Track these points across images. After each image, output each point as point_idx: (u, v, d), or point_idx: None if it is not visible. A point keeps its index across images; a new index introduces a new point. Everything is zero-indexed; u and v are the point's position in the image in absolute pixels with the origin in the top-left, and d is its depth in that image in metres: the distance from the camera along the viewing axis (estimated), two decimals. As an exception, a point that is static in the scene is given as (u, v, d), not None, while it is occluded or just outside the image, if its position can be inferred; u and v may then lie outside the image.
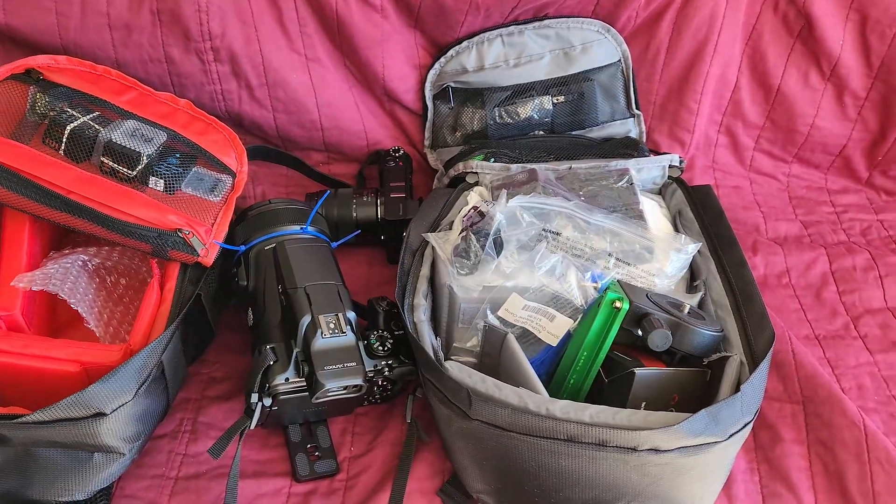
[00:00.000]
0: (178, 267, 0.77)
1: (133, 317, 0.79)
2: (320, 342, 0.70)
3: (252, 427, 0.71)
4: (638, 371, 0.68)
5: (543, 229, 0.77)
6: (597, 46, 0.99)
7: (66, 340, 0.69)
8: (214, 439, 0.78)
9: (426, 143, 1.05)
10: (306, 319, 0.71)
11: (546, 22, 0.98)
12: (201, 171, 0.81)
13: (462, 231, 0.78)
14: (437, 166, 1.03)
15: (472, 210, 0.79)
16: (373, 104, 1.03)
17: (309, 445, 0.78)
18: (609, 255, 0.77)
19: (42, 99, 0.78)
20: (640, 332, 0.69)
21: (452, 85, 1.00)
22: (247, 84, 0.95)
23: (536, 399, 0.65)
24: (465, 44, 0.98)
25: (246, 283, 0.78)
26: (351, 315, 0.73)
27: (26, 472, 0.66)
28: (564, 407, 0.63)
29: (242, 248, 0.80)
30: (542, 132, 1.02)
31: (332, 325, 0.71)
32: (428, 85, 1.01)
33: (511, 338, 0.72)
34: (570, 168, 0.89)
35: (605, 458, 0.63)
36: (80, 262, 0.77)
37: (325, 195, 0.89)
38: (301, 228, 0.81)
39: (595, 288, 0.73)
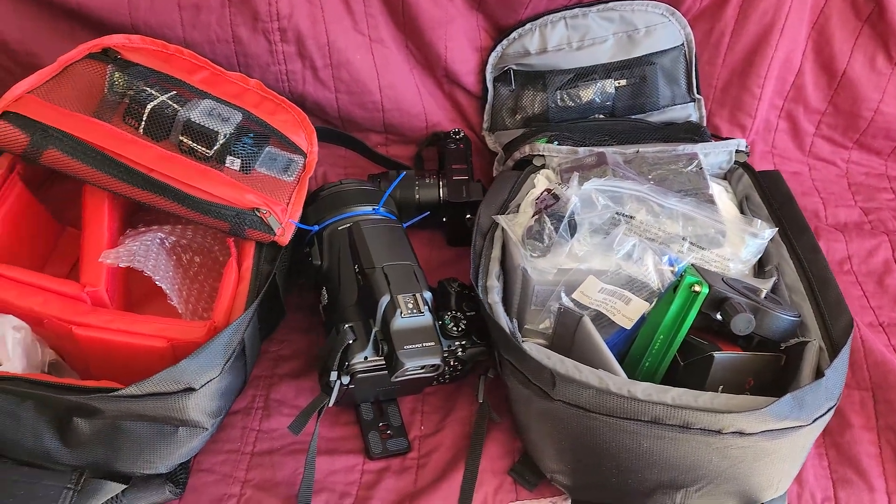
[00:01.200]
0: (253, 246, 0.78)
1: (208, 294, 0.80)
2: (399, 322, 0.71)
3: (330, 405, 0.72)
4: (717, 355, 0.68)
5: (617, 213, 0.77)
6: (661, 29, 0.98)
7: (150, 316, 0.70)
8: (287, 416, 0.80)
9: (485, 125, 1.05)
10: (385, 299, 0.71)
11: (611, 4, 0.97)
12: (274, 151, 0.81)
13: (535, 213, 0.78)
14: (496, 149, 1.03)
15: (546, 192, 0.79)
16: (432, 86, 1.03)
17: (381, 424, 0.79)
18: (683, 239, 0.77)
19: (120, 78, 0.79)
20: (719, 316, 0.70)
21: (514, 67, 1.00)
22: (311, 65, 0.95)
23: (617, 381, 0.65)
24: (528, 26, 0.98)
25: (320, 262, 0.79)
26: (427, 295, 0.73)
27: (113, 444, 0.67)
28: (646, 389, 0.64)
29: (316, 227, 0.81)
30: (601, 116, 1.01)
31: (410, 305, 0.72)
32: (489, 67, 1.01)
33: (587, 320, 0.73)
34: (638, 152, 0.88)
35: (688, 440, 0.63)
36: (158, 240, 0.78)
37: (401, 176, 0.90)
38: (373, 209, 0.82)
39: (672, 271, 0.73)
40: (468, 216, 0.93)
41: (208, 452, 0.76)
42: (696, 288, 0.69)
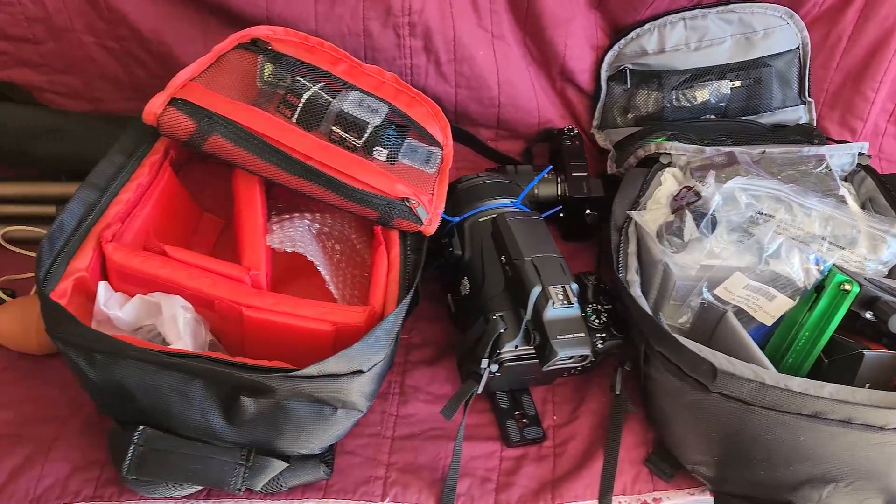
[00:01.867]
0: (396, 235, 0.79)
1: (350, 280, 0.82)
2: (552, 312, 0.72)
3: (479, 391, 0.74)
4: (867, 353, 0.70)
5: (757, 211, 0.78)
6: (778, 32, 0.99)
7: (311, 300, 0.72)
8: (423, 402, 0.82)
9: (595, 123, 1.06)
10: (536, 290, 0.73)
11: (731, 6, 0.98)
12: (414, 143, 0.83)
13: (676, 209, 0.79)
14: (606, 146, 1.05)
15: (685, 189, 0.80)
16: (545, 83, 1.04)
17: (516, 412, 0.81)
18: (822, 238, 0.78)
19: (270, 68, 0.81)
20: (868, 315, 0.71)
21: (630, 66, 1.01)
22: (436, 59, 0.97)
23: (771, 375, 0.66)
24: (647, 26, 0.99)
25: (461, 252, 0.81)
26: (575, 287, 0.75)
27: (276, 424, 0.69)
28: (802, 384, 0.65)
29: (456, 218, 0.82)
30: (712, 116, 1.03)
31: (560, 297, 0.73)
32: (605, 66, 1.02)
33: (731, 315, 0.74)
34: (764, 152, 0.90)
35: (847, 435, 0.64)
36: (306, 227, 0.80)
37: (546, 171, 0.92)
38: (511, 202, 0.83)
39: (818, 270, 0.74)
40: (587, 212, 0.95)
41: (351, 436, 0.78)
42: (846, 287, 0.71)
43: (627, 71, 1.01)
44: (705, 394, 0.68)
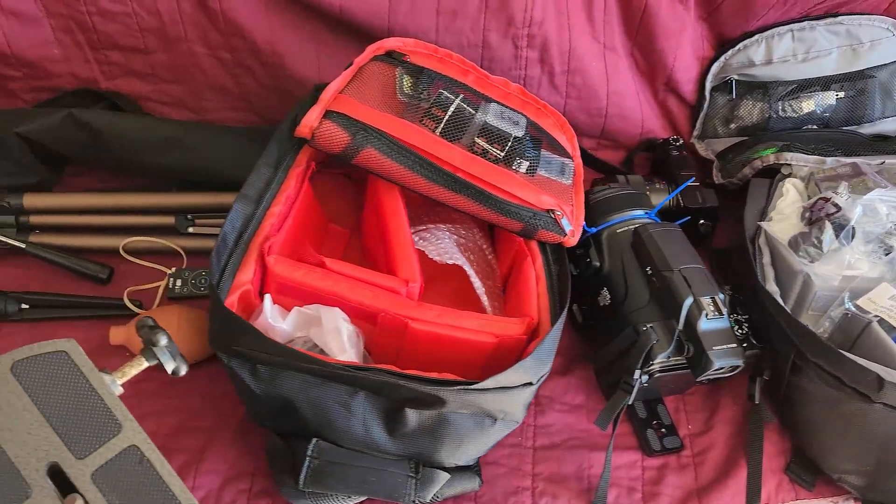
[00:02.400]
0: (536, 246, 0.80)
1: (489, 291, 0.82)
2: (705, 323, 0.73)
3: (630, 402, 0.74)
4: None
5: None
6: (885, 44, 1.00)
7: (468, 312, 0.72)
8: (558, 412, 0.83)
9: (695, 133, 1.07)
10: (689, 301, 0.73)
11: (839, 18, 0.99)
12: (548, 155, 0.84)
13: (814, 221, 0.80)
14: (708, 156, 1.06)
15: (822, 201, 0.81)
16: (648, 93, 1.05)
17: (654, 422, 0.81)
18: (960, 249, 0.79)
19: (409, 80, 0.81)
20: None
21: (735, 77, 1.02)
22: (549, 70, 0.97)
23: (933, 384, 0.67)
24: (755, 37, 1.00)
25: (598, 264, 0.81)
26: (722, 297, 0.76)
27: (437, 435, 0.69)
28: (963, 393, 0.66)
29: (593, 229, 0.83)
30: (814, 126, 1.04)
31: (712, 308, 0.74)
32: (710, 76, 1.03)
33: (876, 325, 0.75)
34: (884, 163, 0.91)
35: None
36: (447, 237, 0.80)
37: (688, 182, 0.92)
38: (646, 213, 0.84)
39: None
40: (701, 222, 0.95)
41: (493, 447, 0.79)
42: None
43: (733, 81, 1.02)
44: (867, 404, 0.68)
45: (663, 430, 0.81)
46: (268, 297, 0.69)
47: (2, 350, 0.82)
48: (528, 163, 0.80)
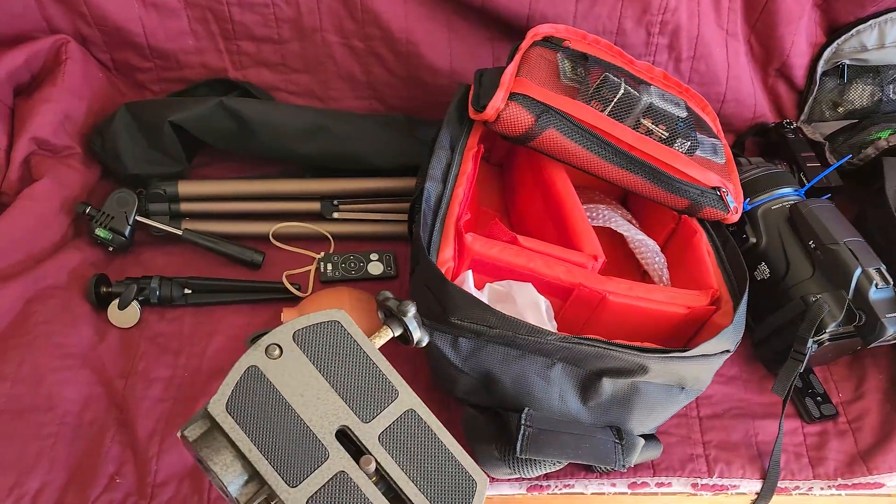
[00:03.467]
0: (697, 223, 0.83)
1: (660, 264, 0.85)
2: (875, 293, 0.76)
3: (800, 370, 0.77)
4: None
5: None
6: None
7: (653, 285, 0.75)
8: (717, 383, 0.86)
9: (803, 117, 1.11)
10: (858, 272, 0.77)
11: (951, 3, 1.03)
12: (701, 136, 0.86)
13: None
14: (816, 138, 1.09)
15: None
16: (759, 79, 1.08)
17: (809, 391, 0.85)
18: None
19: (569, 64, 0.83)
20: None
21: (847, 62, 1.06)
22: (676, 56, 1.01)
23: None
24: (868, 23, 1.03)
25: (755, 239, 0.84)
26: (884, 268, 0.79)
27: (629, 405, 0.72)
28: None
29: (748, 206, 0.86)
30: (918, 110, 1.08)
31: (879, 278, 0.77)
32: (822, 61, 1.06)
33: None
34: None
35: None
36: (612, 215, 0.83)
37: (843, 160, 0.95)
38: (795, 191, 0.87)
39: None
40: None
41: (663, 417, 0.81)
42: None
43: (845, 66, 1.06)
44: None
45: (818, 398, 0.84)
46: (469, 273, 0.71)
47: (171, 333, 0.84)
48: (688, 143, 0.82)
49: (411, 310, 0.59)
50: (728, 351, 0.70)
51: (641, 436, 0.75)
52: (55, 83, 0.91)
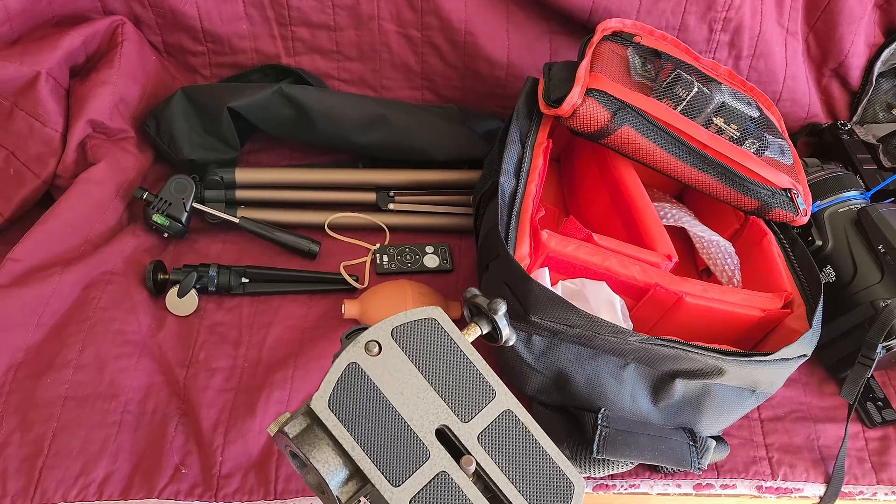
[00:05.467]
0: (763, 224, 0.82)
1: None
2: (947, 299, 0.76)
3: (868, 375, 0.77)
4: None
5: None
6: None
7: (727, 287, 0.74)
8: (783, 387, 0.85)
9: (855, 118, 1.10)
10: (935, 278, 0.76)
11: None
12: (768, 136, 0.85)
13: None
14: (869, 140, 1.08)
15: None
16: (813, 79, 1.07)
17: (870, 395, 0.84)
18: None
19: (639, 60, 0.82)
20: None
21: (904, 64, 1.05)
22: (736, 54, 0.99)
23: None
24: (928, 25, 1.03)
25: (821, 242, 0.84)
26: (953, 274, 0.78)
27: (700, 407, 0.71)
28: None
29: (814, 209, 0.85)
30: (972, 113, 1.07)
31: (950, 284, 0.77)
32: (879, 63, 1.05)
33: None
34: None
35: None
36: (680, 215, 0.82)
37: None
38: (861, 194, 0.86)
39: None
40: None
41: (725, 418, 0.81)
42: None
43: (903, 68, 1.05)
44: None
45: (879, 402, 0.84)
46: (546, 271, 0.70)
47: (230, 323, 0.83)
48: (758, 143, 0.81)
49: (502, 308, 0.58)
50: (805, 355, 0.70)
51: (712, 437, 0.75)
52: (111, 65, 0.90)
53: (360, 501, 0.53)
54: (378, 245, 0.92)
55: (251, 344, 0.82)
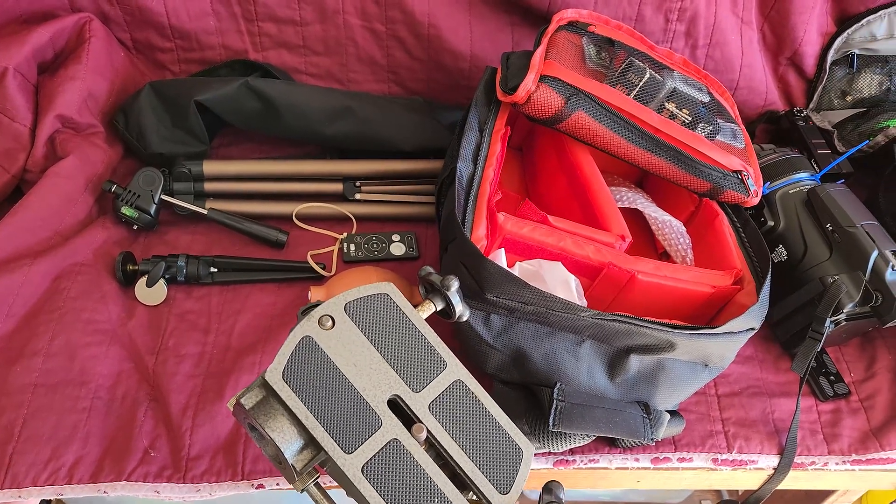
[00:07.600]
0: (717, 205, 0.85)
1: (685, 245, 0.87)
2: (891, 274, 0.78)
3: (819, 349, 0.80)
4: None
5: None
6: None
7: (678, 265, 0.77)
8: (733, 363, 0.88)
9: (811, 105, 1.13)
10: (875, 254, 0.79)
11: (959, -5, 1.06)
12: (720, 120, 0.88)
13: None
14: (825, 126, 1.11)
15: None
16: (770, 67, 1.10)
17: (823, 370, 0.87)
18: None
19: (594, 49, 0.85)
20: None
21: (856, 52, 1.08)
22: (693, 44, 1.02)
23: None
24: (879, 13, 1.05)
25: (773, 222, 0.87)
26: (897, 250, 0.81)
27: (654, 382, 0.73)
28: None
29: (766, 190, 0.88)
30: (923, 99, 1.10)
31: (895, 259, 0.79)
32: (832, 51, 1.08)
33: None
34: None
35: None
36: (633, 197, 0.85)
37: (861, 145, 0.97)
38: (811, 175, 0.89)
39: None
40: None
41: (682, 394, 0.83)
42: None
43: (854, 55, 1.08)
44: None
45: (831, 377, 0.87)
46: (502, 251, 0.73)
47: (199, 311, 0.85)
48: (710, 127, 0.84)
49: (454, 284, 0.60)
50: (753, 329, 0.72)
51: (668, 412, 0.77)
52: (80, 61, 0.91)
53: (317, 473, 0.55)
54: (345, 234, 0.94)
55: (220, 331, 0.83)
